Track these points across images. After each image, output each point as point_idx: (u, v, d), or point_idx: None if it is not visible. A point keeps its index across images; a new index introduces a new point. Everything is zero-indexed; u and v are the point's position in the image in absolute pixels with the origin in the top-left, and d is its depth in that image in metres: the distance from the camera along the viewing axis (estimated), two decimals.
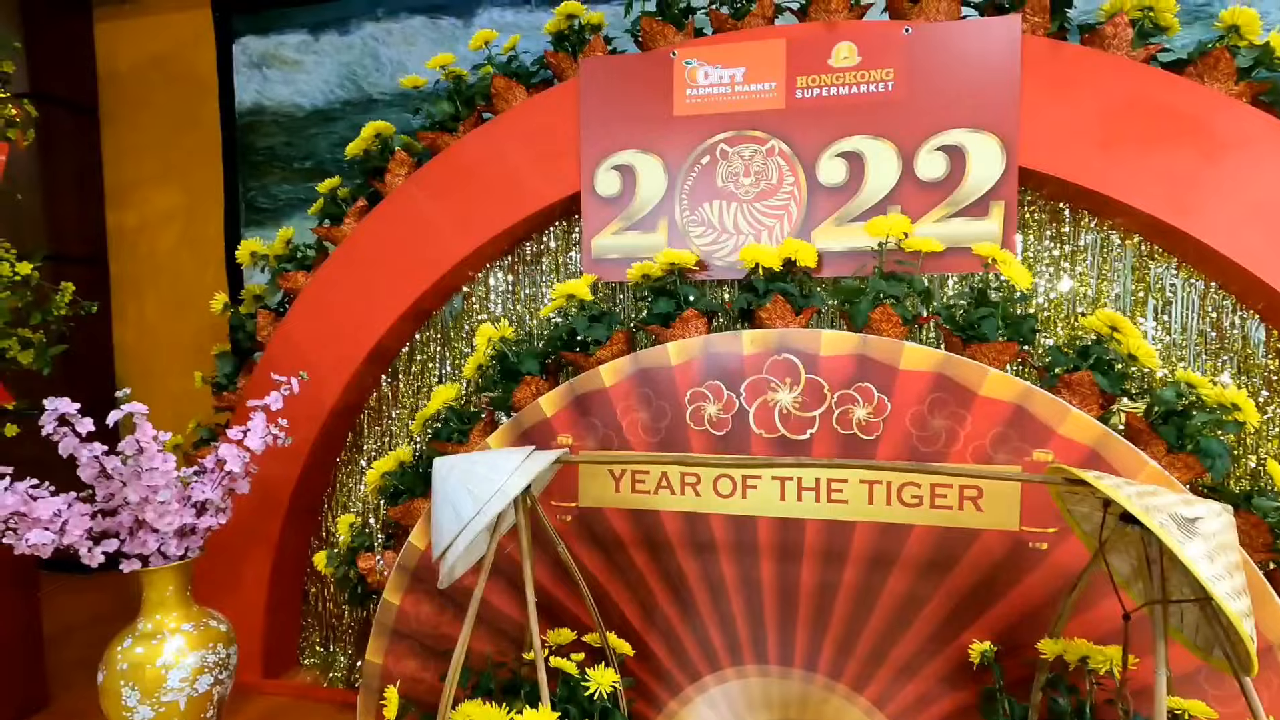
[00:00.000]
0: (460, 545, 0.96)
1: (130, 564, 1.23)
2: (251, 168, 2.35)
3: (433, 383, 1.65)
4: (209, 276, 2.40)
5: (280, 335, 1.59)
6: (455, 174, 1.47)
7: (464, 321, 1.62)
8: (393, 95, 2.21)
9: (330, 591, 1.73)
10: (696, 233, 1.36)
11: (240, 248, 1.65)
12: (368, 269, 1.53)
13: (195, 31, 2.34)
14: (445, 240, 1.49)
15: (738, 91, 1.32)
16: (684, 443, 1.25)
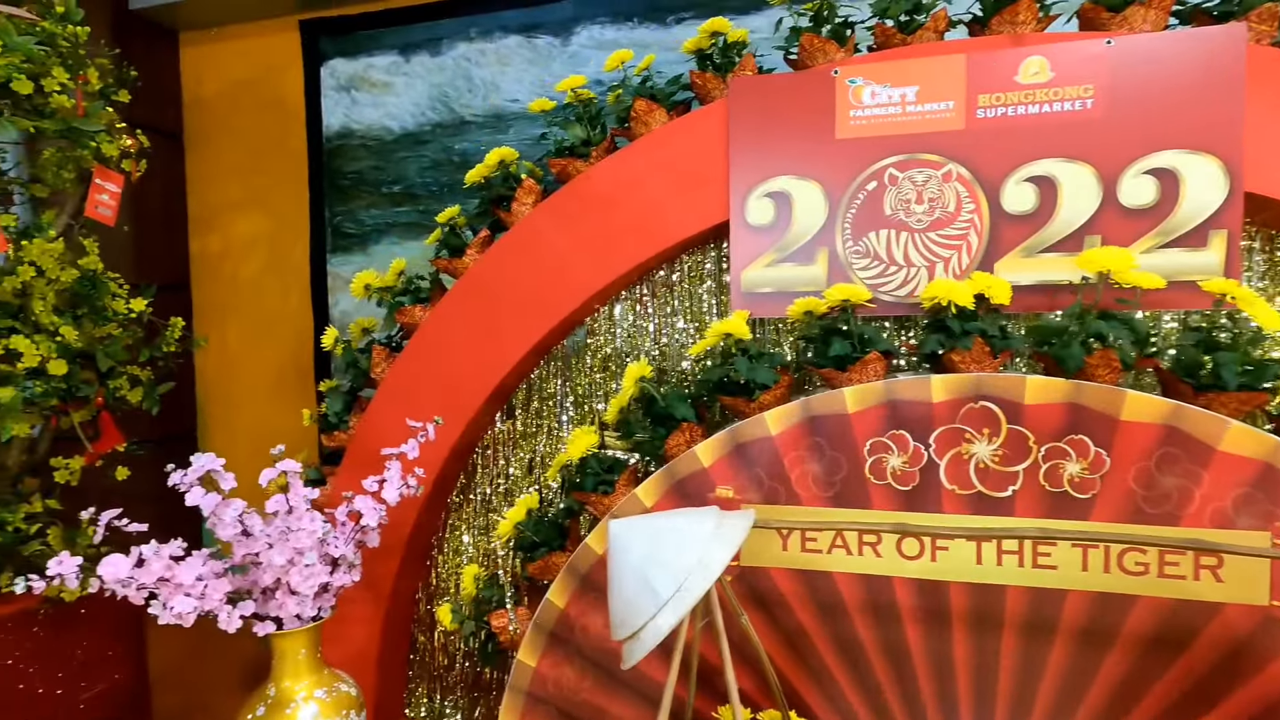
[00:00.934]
0: (664, 625, 0.85)
1: (264, 626, 1.14)
2: (338, 192, 2.29)
3: (551, 423, 1.55)
4: (293, 303, 2.34)
5: (395, 372, 1.51)
6: (587, 203, 1.38)
7: (585, 357, 1.53)
8: (485, 117, 2.14)
9: (440, 642, 1.64)
10: (860, 265, 1.25)
11: (355, 280, 1.57)
12: (490, 303, 1.44)
13: (282, 56, 2.29)
14: (576, 274, 1.40)
15: (909, 112, 1.21)
16: (863, 498, 1.13)
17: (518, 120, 2.11)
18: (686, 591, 0.85)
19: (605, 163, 1.37)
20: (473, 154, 2.15)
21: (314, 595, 1.15)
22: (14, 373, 1.22)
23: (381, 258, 2.26)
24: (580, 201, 1.38)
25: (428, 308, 1.51)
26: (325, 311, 2.32)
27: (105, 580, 0.95)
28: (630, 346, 1.50)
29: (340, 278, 2.31)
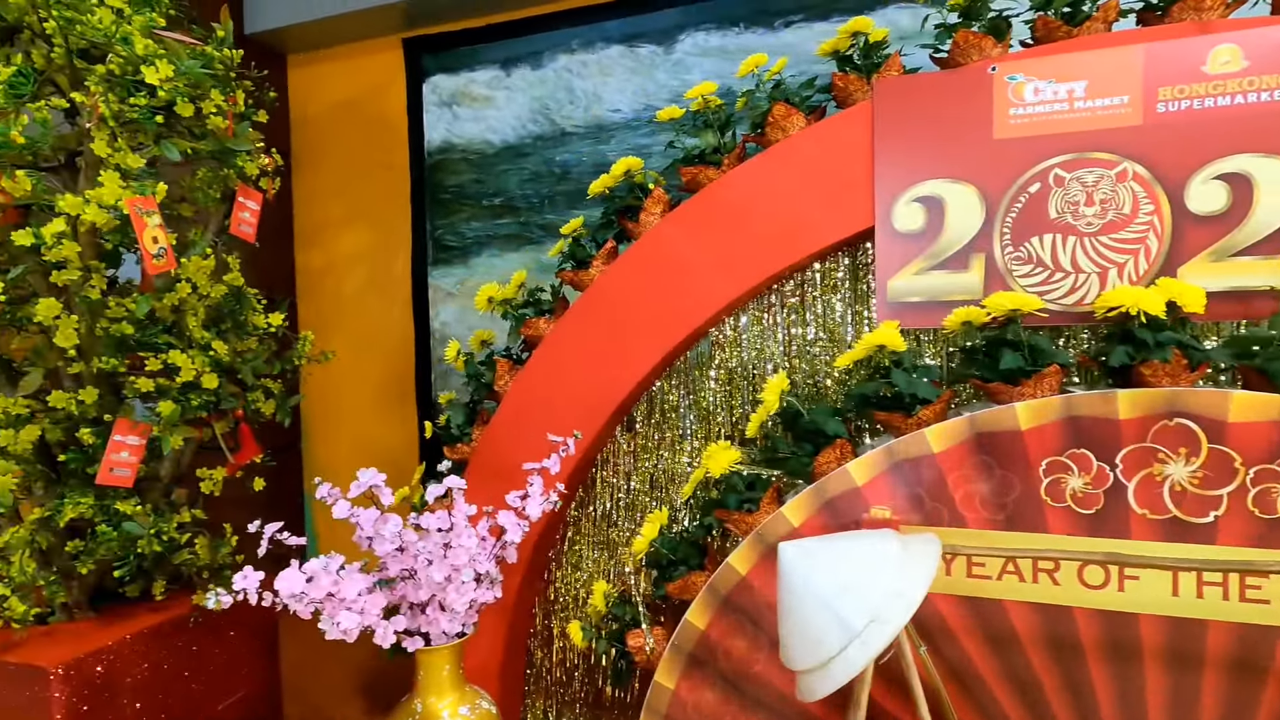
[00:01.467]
0: (859, 659, 0.80)
1: (414, 642, 1.14)
2: (439, 206, 2.33)
3: (674, 436, 1.52)
4: (395, 315, 2.39)
5: (519, 385, 1.50)
6: (719, 211, 1.35)
7: (709, 368, 1.49)
8: (586, 128, 2.13)
9: (558, 658, 1.62)
10: (1021, 271, 1.18)
11: (479, 293, 1.58)
12: (617, 315, 1.42)
13: (386, 74, 2.35)
14: (707, 284, 1.36)
15: (1078, 108, 1.13)
16: (1038, 521, 1.05)
17: (620, 130, 2.10)
18: (884, 624, 0.80)
19: (739, 170, 1.33)
20: (573, 165, 2.15)
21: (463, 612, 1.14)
22: (171, 386, 1.26)
23: (482, 269, 2.29)
24: (713, 210, 1.35)
25: (551, 320, 1.50)
26: (426, 323, 2.36)
27: (280, 595, 0.95)
28: (758, 358, 1.45)
29: (441, 290, 2.34)
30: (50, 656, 1.15)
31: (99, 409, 1.21)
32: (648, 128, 2.07)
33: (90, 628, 1.27)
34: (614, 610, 1.36)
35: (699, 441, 1.50)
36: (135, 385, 1.23)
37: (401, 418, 2.41)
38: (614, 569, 1.55)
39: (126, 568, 1.23)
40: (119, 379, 1.27)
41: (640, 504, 1.54)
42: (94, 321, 1.16)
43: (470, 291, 2.30)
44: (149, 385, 1.23)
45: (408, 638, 1.13)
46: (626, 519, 1.55)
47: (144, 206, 1.05)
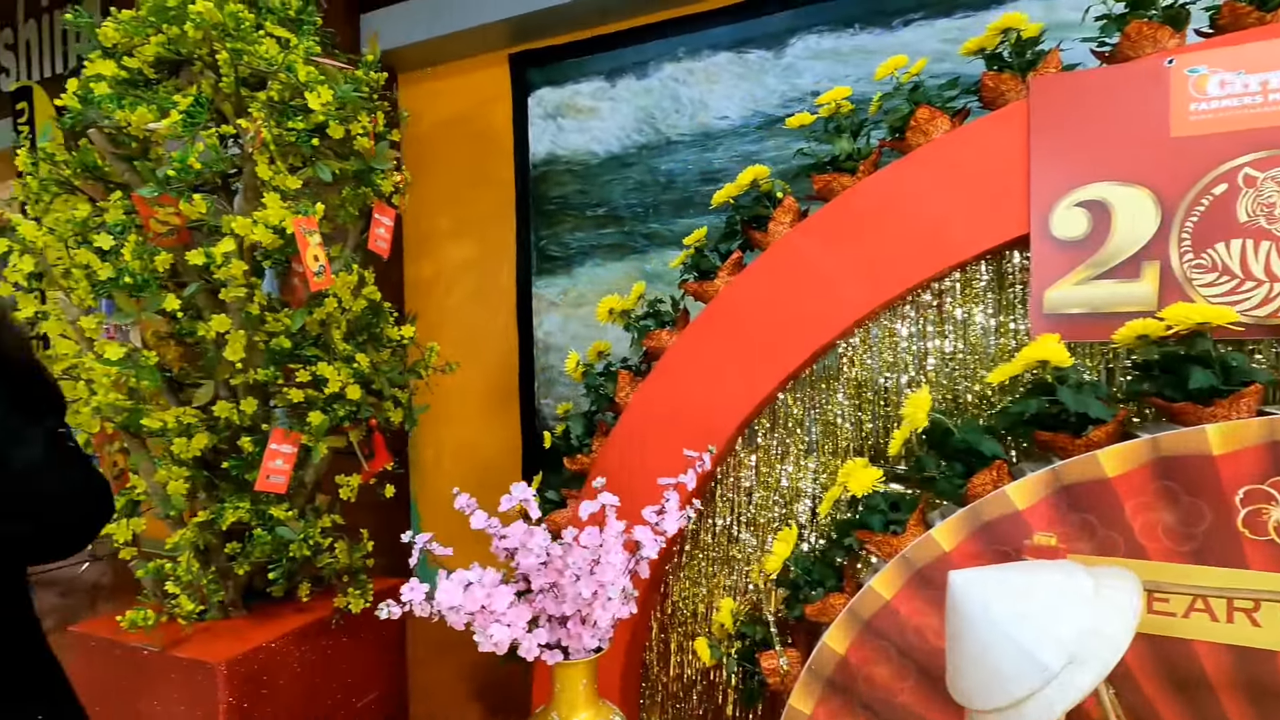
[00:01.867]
0: (1061, 701, 0.74)
1: (553, 655, 1.14)
2: (543, 217, 2.36)
3: (798, 450, 1.48)
4: (499, 325, 2.44)
5: (641, 397, 1.49)
6: (855, 220, 1.30)
7: (836, 381, 1.44)
8: (692, 136, 2.12)
9: (675, 673, 1.60)
10: (1204, 280, 1.08)
11: (600, 304, 1.58)
12: (744, 327, 1.39)
13: (493, 89, 2.40)
14: (841, 296, 1.32)
15: (1271, 100, 1.03)
16: (1234, 555, 0.96)
17: (727, 137, 2.07)
18: (1089, 663, 0.74)
19: (877, 176, 1.28)
20: (679, 174, 2.14)
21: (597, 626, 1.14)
22: (318, 397, 1.31)
23: (585, 279, 2.30)
24: (848, 218, 1.30)
25: (674, 332, 1.48)
26: (530, 333, 2.40)
27: (438, 605, 0.97)
28: (889, 371, 1.39)
29: (544, 299, 2.37)
30: (215, 652, 1.21)
31: (255, 419, 1.27)
32: (755, 134, 2.04)
33: (245, 626, 1.33)
34: (743, 629, 1.33)
35: (825, 456, 1.45)
36: (286, 396, 1.29)
37: (503, 425, 2.46)
38: (735, 585, 1.52)
39: (280, 570, 1.29)
40: (269, 390, 1.33)
41: (761, 520, 1.51)
42: (253, 336, 1.22)
43: (574, 301, 2.32)
44: (299, 396, 1.29)
45: (547, 651, 1.13)
46: (747, 533, 1.52)
47: (307, 226, 1.10)
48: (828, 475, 1.45)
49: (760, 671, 1.28)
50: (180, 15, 1.09)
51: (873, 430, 1.41)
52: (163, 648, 1.23)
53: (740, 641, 1.35)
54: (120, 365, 1.13)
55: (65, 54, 3.27)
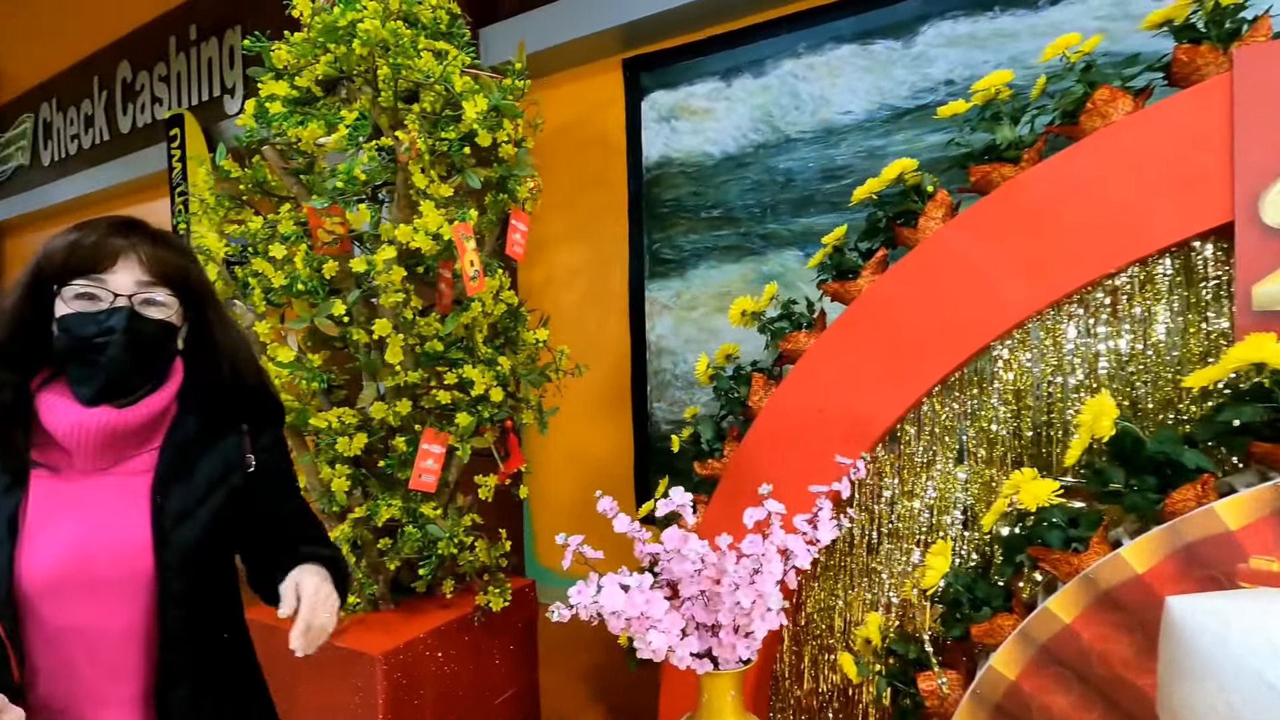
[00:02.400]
0: None
1: (703, 665, 1.12)
2: (656, 220, 2.36)
3: (947, 457, 1.39)
4: (610, 328, 2.45)
5: (776, 402, 1.45)
6: (1020, 212, 1.21)
7: (989, 384, 1.35)
8: (813, 133, 2.06)
9: (808, 687, 1.54)
10: None
11: (733, 306, 1.55)
12: (891, 329, 1.33)
13: (606, 95, 2.42)
14: (1002, 295, 1.23)
15: None
16: None
17: (850, 133, 2.00)
18: None
19: (1046, 165, 1.19)
20: (798, 172, 2.08)
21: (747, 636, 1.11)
22: (463, 399, 1.34)
23: (699, 282, 2.28)
24: (1012, 211, 1.22)
25: (811, 334, 1.43)
26: (642, 335, 2.39)
27: (603, 609, 0.97)
28: (1054, 373, 1.29)
29: (657, 302, 2.36)
30: (373, 644, 1.26)
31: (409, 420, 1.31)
32: (882, 128, 1.96)
33: (394, 619, 1.38)
34: (892, 645, 1.26)
35: (978, 466, 1.36)
36: (435, 398, 1.33)
37: (615, 428, 2.46)
38: (876, 598, 1.45)
39: (430, 566, 1.32)
40: (416, 392, 1.38)
41: (904, 530, 1.43)
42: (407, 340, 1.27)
43: (687, 304, 2.30)
44: (447, 398, 1.32)
45: (697, 660, 1.11)
46: (889, 544, 1.45)
47: (465, 232, 1.12)
48: (980, 485, 1.36)
49: (915, 692, 1.21)
50: (349, 34, 1.15)
51: (1036, 439, 1.31)
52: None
53: (888, 658, 1.28)
54: (291, 368, 1.19)
55: (211, 83, 3.57)
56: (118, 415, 0.83)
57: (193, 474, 0.88)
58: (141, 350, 0.83)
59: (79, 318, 0.81)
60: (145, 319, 0.83)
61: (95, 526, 0.82)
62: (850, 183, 2.00)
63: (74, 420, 0.81)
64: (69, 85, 4.53)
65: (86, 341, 0.81)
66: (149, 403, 0.86)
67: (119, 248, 0.82)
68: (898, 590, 1.39)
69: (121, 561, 0.83)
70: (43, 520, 0.81)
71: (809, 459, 1.41)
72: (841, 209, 2.03)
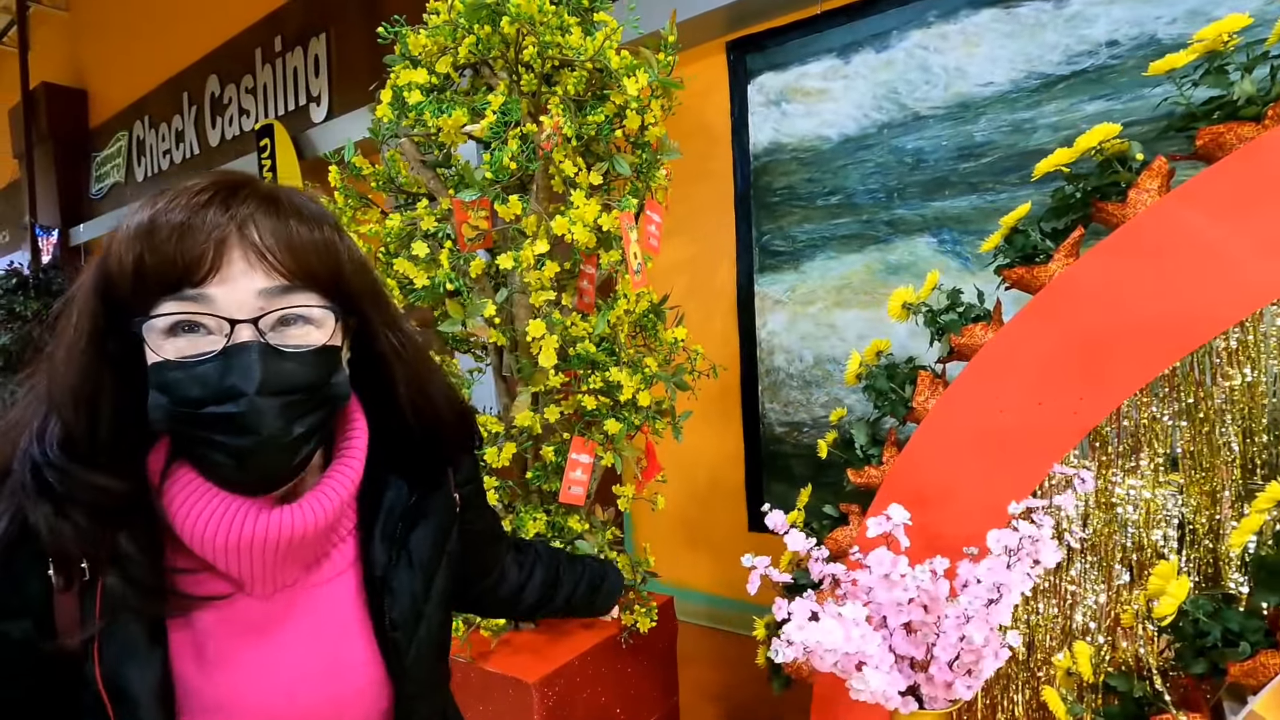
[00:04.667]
0: None
1: (908, 703, 0.98)
2: (766, 210, 2.22)
3: (1156, 463, 1.22)
4: (716, 326, 2.33)
5: (947, 403, 1.30)
6: (1270, 178, 1.03)
7: (1208, 378, 1.17)
8: (947, 109, 1.89)
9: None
10: None
11: (892, 298, 1.41)
12: (1092, 319, 1.17)
13: (708, 80, 2.30)
14: (1244, 278, 1.06)
15: None
16: None
17: (991, 106, 1.82)
18: None
19: None
20: (929, 152, 1.92)
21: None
22: (608, 404, 1.24)
23: (815, 274, 2.14)
24: (1253, 179, 1.04)
25: (989, 327, 1.28)
26: (752, 333, 2.27)
27: (816, 645, 0.85)
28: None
29: (769, 298, 2.23)
30: (527, 670, 1.17)
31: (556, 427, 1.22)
32: (1030, 99, 1.78)
33: (539, 641, 1.29)
34: (1110, 680, 1.10)
35: (1198, 473, 1.19)
36: (579, 403, 1.23)
37: (724, 431, 2.35)
38: (1068, 624, 1.28)
39: None
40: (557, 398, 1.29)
41: (1102, 546, 1.26)
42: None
43: (802, 299, 2.16)
44: (592, 403, 1.23)
45: (901, 696, 0.98)
46: (1081, 561, 1.28)
47: (628, 221, 1.02)
48: (1200, 495, 1.18)
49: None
50: (498, 10, 1.06)
51: (1273, 440, 1.13)
52: (471, 659, 1.21)
53: (1104, 696, 1.12)
54: None
55: (297, 92, 3.60)
56: (299, 519, 0.54)
57: (411, 559, 0.62)
58: (294, 409, 0.52)
59: (178, 373, 0.50)
60: (285, 355, 0.52)
61: (296, 678, 0.56)
62: (991, 160, 1.83)
63: (229, 537, 0.51)
64: (159, 102, 4.69)
65: (196, 415, 0.49)
66: (334, 484, 0.57)
67: (220, 231, 0.50)
68: (1106, 613, 1.22)
69: (345, 712, 0.58)
70: (214, 684, 0.54)
71: (988, 467, 1.26)
72: (981, 190, 1.86)
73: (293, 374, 0.52)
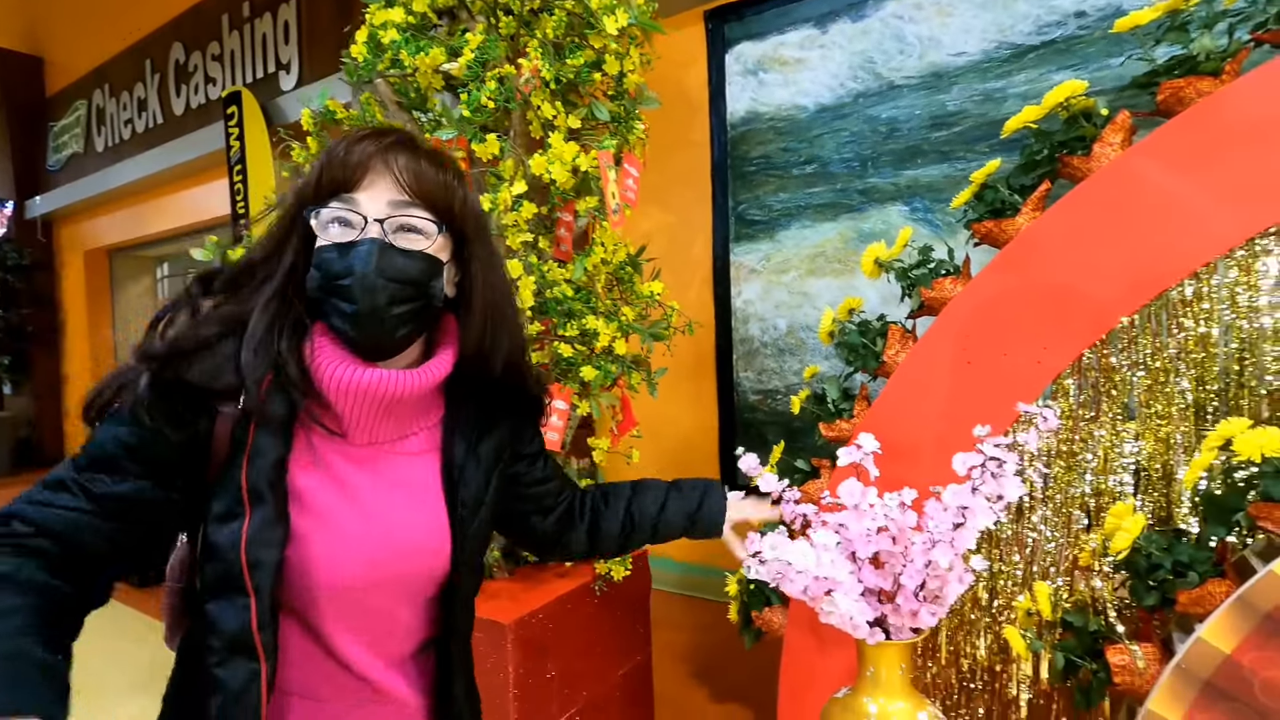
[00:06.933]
0: None
1: (875, 634, 1.01)
2: (742, 180, 2.24)
3: (1113, 411, 1.26)
4: (692, 295, 2.34)
5: (916, 357, 1.33)
6: (1227, 131, 1.07)
7: (1167, 326, 1.21)
8: (921, 78, 1.92)
9: (946, 663, 1.43)
10: None
11: (865, 255, 1.43)
12: (1058, 270, 1.20)
13: (686, 51, 2.30)
14: (1202, 228, 1.10)
15: None
16: None
17: (964, 75, 1.86)
18: None
19: (1256, 76, 1.05)
20: (903, 121, 1.95)
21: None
22: (584, 353, 1.24)
23: (790, 243, 2.16)
24: (1215, 130, 1.08)
25: (958, 280, 1.31)
26: (727, 302, 2.28)
27: (789, 568, 0.86)
28: (1246, 317, 1.15)
29: (744, 267, 2.25)
30: (501, 612, 1.17)
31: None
32: (1001, 68, 1.81)
33: (514, 588, 1.30)
34: (1068, 617, 1.15)
35: (1153, 421, 1.23)
36: (556, 350, 1.24)
37: (697, 399, 2.36)
38: (1029, 570, 1.33)
39: None
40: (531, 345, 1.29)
41: (1063, 493, 1.31)
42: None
43: (777, 267, 2.18)
44: (569, 351, 1.23)
45: (869, 628, 1.01)
46: (1043, 506, 1.32)
47: (607, 161, 1.02)
48: (1156, 441, 1.23)
49: (1099, 667, 1.09)
50: None
51: (1224, 388, 1.18)
52: None
53: (1062, 631, 1.17)
54: None
55: (266, 60, 3.52)
56: (401, 380, 0.70)
57: (479, 460, 0.77)
58: (396, 293, 0.67)
59: (329, 251, 0.67)
60: (397, 251, 0.68)
61: (384, 519, 0.71)
62: (963, 129, 1.87)
63: (343, 380, 0.68)
64: (121, 70, 4.54)
65: (332, 282, 0.67)
66: (433, 366, 0.73)
67: (368, 155, 0.68)
68: (1065, 557, 1.27)
69: (415, 559, 0.72)
70: (320, 507, 0.69)
71: (956, 416, 1.30)
72: (952, 158, 1.89)
73: (399, 265, 0.68)
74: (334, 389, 0.68)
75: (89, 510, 0.61)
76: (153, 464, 0.64)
